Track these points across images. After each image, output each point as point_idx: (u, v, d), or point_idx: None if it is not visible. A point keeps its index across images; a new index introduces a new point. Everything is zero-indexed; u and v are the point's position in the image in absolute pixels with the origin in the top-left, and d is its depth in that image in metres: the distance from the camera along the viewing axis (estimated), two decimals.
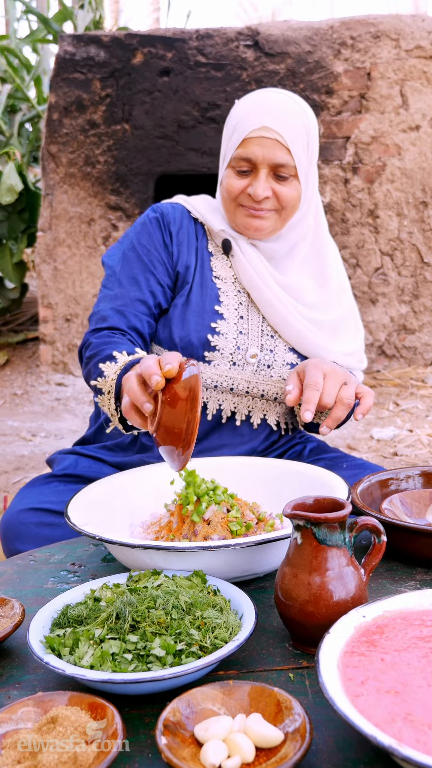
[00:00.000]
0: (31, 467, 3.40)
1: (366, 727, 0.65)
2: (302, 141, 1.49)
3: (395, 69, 4.18)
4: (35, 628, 0.88)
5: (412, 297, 4.41)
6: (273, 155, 1.46)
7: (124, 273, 1.54)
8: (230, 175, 1.51)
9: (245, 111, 1.49)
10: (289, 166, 1.47)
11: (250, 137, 1.46)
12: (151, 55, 4.24)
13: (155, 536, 1.15)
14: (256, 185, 1.47)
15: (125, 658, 0.81)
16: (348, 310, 1.66)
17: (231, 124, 1.52)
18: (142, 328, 1.50)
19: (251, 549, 1.00)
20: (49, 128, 4.38)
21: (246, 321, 1.55)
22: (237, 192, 1.50)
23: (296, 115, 1.49)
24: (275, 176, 1.48)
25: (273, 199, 1.49)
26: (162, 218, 1.58)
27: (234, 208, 1.53)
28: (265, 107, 1.48)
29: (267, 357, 1.55)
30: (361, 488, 1.23)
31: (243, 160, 1.47)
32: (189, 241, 1.58)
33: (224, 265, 1.58)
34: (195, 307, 1.53)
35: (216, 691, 0.76)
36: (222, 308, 1.53)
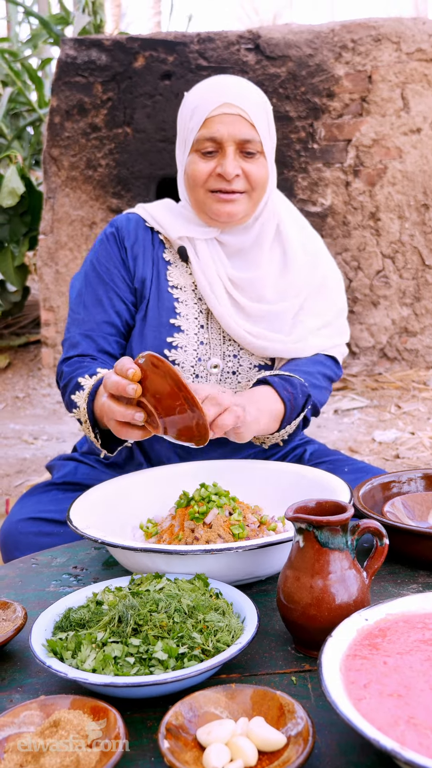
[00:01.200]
0: (33, 470, 3.40)
1: (369, 731, 0.64)
2: (264, 117, 1.46)
3: (396, 72, 4.19)
4: (37, 631, 0.88)
5: (414, 299, 4.41)
6: (238, 131, 1.42)
7: (88, 295, 1.52)
8: (194, 159, 1.45)
9: (202, 94, 1.46)
10: (255, 142, 1.43)
11: (211, 116, 1.42)
12: (152, 58, 4.24)
13: (157, 539, 1.15)
14: (225, 163, 1.42)
15: (127, 661, 0.81)
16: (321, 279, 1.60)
17: (188, 110, 1.47)
18: (113, 350, 1.49)
19: (253, 552, 0.99)
20: (51, 132, 4.39)
21: (207, 330, 1.51)
22: (205, 176, 1.44)
23: (255, 92, 1.48)
24: (242, 154, 1.44)
25: (243, 179, 1.45)
26: (117, 233, 1.55)
27: (203, 196, 1.47)
28: (223, 85, 1.45)
29: (231, 363, 1.51)
30: (363, 491, 1.23)
31: (207, 141, 1.42)
32: (145, 253, 1.54)
33: (183, 273, 1.54)
34: (152, 321, 1.50)
35: (218, 694, 0.76)
36: (180, 320, 1.50)
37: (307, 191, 4.31)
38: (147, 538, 1.18)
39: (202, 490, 1.16)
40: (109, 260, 1.53)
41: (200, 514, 1.11)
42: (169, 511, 1.20)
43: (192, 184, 1.47)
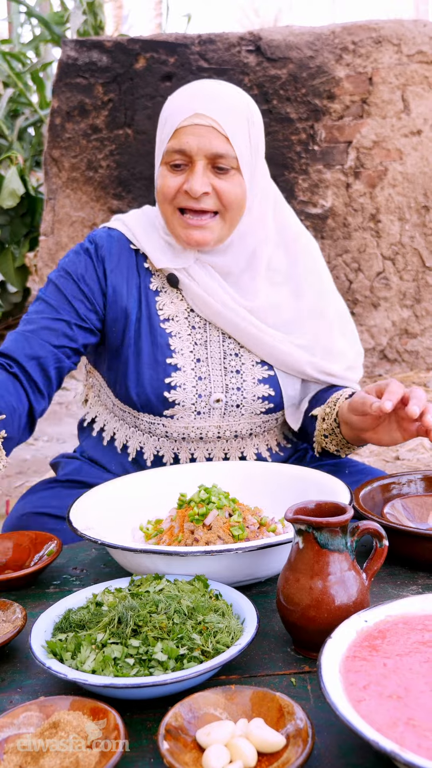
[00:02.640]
0: (33, 471, 3.40)
1: (368, 732, 0.64)
2: (243, 129, 1.33)
3: (397, 74, 4.19)
4: (37, 632, 0.88)
5: (414, 301, 4.41)
6: (209, 144, 1.30)
7: (42, 305, 1.40)
8: (163, 173, 1.35)
9: (177, 100, 1.35)
10: (228, 157, 1.31)
11: (182, 126, 1.31)
12: (153, 60, 4.25)
13: (157, 540, 1.15)
14: (192, 180, 1.30)
15: (127, 662, 0.81)
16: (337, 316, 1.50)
17: (162, 118, 1.38)
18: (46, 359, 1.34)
19: (253, 553, 1.00)
20: (52, 133, 4.39)
21: (204, 363, 1.41)
22: (173, 191, 1.34)
23: (234, 101, 1.34)
24: (214, 169, 1.32)
25: (213, 197, 1.33)
26: (96, 251, 1.42)
27: (171, 214, 1.36)
28: (197, 93, 1.34)
29: (234, 396, 1.43)
30: (362, 493, 1.23)
31: (176, 153, 1.32)
32: (129, 281, 1.42)
33: (174, 300, 1.43)
34: (147, 359, 1.40)
35: (218, 695, 0.76)
36: (176, 357, 1.40)
37: (307, 193, 4.31)
38: (147, 540, 1.18)
39: (201, 492, 1.16)
40: (77, 273, 1.41)
41: (200, 516, 1.11)
42: (169, 513, 1.20)
43: (161, 199, 1.38)
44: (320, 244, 4.33)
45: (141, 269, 1.44)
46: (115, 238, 1.45)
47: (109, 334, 1.43)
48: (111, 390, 1.49)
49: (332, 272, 4.37)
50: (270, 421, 1.50)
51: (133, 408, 1.44)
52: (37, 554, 1.17)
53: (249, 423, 1.46)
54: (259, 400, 1.44)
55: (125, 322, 1.41)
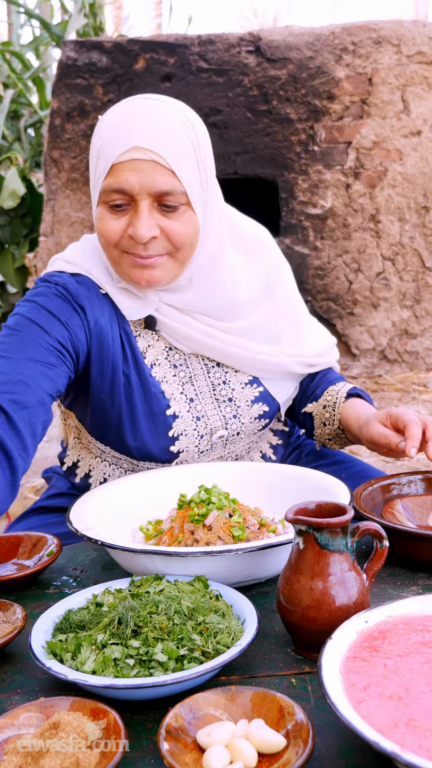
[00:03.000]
0: (33, 471, 3.40)
1: (368, 733, 0.64)
2: (190, 158, 1.17)
3: (396, 74, 4.19)
4: (37, 633, 0.88)
5: (414, 301, 4.41)
6: (152, 181, 1.14)
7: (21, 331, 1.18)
8: (103, 215, 1.18)
9: (110, 129, 1.17)
10: (176, 193, 1.16)
11: (119, 162, 1.14)
12: (153, 60, 4.25)
13: (157, 541, 1.15)
14: (137, 224, 1.15)
15: (127, 663, 0.81)
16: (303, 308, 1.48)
17: (95, 148, 1.20)
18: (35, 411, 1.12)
19: (253, 554, 0.99)
20: (52, 133, 4.39)
21: (197, 401, 1.34)
22: (116, 236, 1.18)
23: (176, 124, 1.17)
24: (161, 207, 1.17)
25: (162, 239, 1.19)
26: (74, 299, 1.24)
27: (117, 256, 1.22)
28: (133, 122, 1.15)
29: (234, 426, 1.38)
30: (363, 493, 1.22)
31: (114, 192, 1.15)
32: (112, 329, 1.27)
33: (150, 342, 1.31)
34: (143, 414, 1.30)
35: (218, 696, 0.76)
36: (173, 405, 1.31)
37: (307, 193, 4.31)
38: (147, 540, 1.18)
39: (202, 492, 1.16)
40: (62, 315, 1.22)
41: (200, 516, 1.11)
42: (169, 513, 1.20)
43: (103, 244, 1.22)
44: (320, 245, 4.34)
45: (118, 315, 1.29)
46: (86, 284, 1.27)
47: (94, 389, 1.29)
48: (96, 438, 1.38)
49: (332, 273, 4.37)
50: (264, 431, 1.49)
51: (131, 457, 1.37)
52: (37, 555, 1.17)
53: (248, 443, 1.46)
54: (256, 420, 1.41)
55: (113, 376, 1.28)
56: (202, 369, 1.36)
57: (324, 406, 1.44)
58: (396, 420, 1.25)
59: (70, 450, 1.48)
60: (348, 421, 1.39)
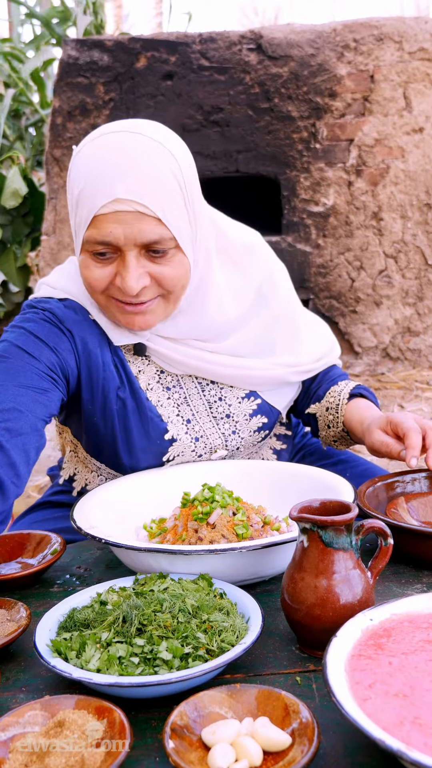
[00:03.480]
0: (35, 470, 3.40)
1: (374, 731, 0.64)
2: (177, 199, 1.12)
3: (398, 71, 4.19)
4: (42, 631, 0.88)
5: (417, 299, 4.41)
6: (138, 232, 1.09)
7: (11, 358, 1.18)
8: (87, 263, 1.14)
9: (88, 176, 1.09)
10: (164, 240, 1.11)
11: (101, 213, 1.08)
12: (154, 59, 4.25)
13: (161, 539, 1.15)
14: (126, 276, 1.11)
15: (132, 661, 0.81)
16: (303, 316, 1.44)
17: (73, 190, 1.13)
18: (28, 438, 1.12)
19: (257, 552, 0.99)
20: (53, 132, 4.39)
21: (195, 421, 1.31)
22: (102, 285, 1.15)
23: (160, 165, 1.10)
24: (149, 254, 1.12)
25: (153, 285, 1.15)
26: (62, 323, 1.22)
27: (105, 302, 1.18)
28: (113, 170, 1.07)
29: (234, 442, 1.36)
30: (367, 491, 1.22)
31: (99, 244, 1.10)
32: (103, 356, 1.25)
33: (141, 368, 1.29)
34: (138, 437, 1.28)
35: (223, 694, 0.76)
36: (170, 429, 1.29)
37: (309, 191, 4.31)
38: (151, 538, 1.18)
39: (205, 491, 1.16)
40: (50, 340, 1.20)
41: (204, 515, 1.11)
42: (172, 511, 1.20)
43: (89, 291, 1.18)
44: (322, 242, 4.33)
45: (108, 340, 1.27)
46: (74, 309, 1.25)
47: (85, 411, 1.28)
48: (92, 456, 1.36)
49: (334, 271, 4.37)
50: (266, 441, 1.47)
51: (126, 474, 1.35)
52: (41, 553, 1.17)
53: (248, 454, 1.44)
54: (256, 433, 1.39)
55: (104, 400, 1.26)
56: (197, 388, 1.34)
57: (327, 408, 1.41)
58: (396, 427, 1.22)
59: (67, 463, 1.47)
60: (351, 425, 1.36)
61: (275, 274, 1.40)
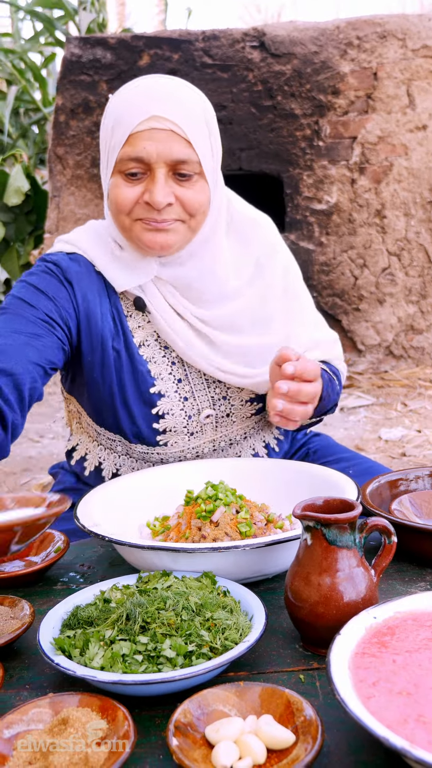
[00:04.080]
0: (39, 468, 3.40)
1: (378, 729, 0.64)
2: (203, 131, 1.23)
3: (402, 69, 4.18)
4: (45, 629, 0.88)
5: (420, 297, 4.40)
6: (170, 150, 1.18)
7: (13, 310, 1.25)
8: (118, 183, 1.22)
9: (126, 101, 1.21)
10: (191, 162, 1.20)
11: (137, 131, 1.18)
12: (157, 56, 4.24)
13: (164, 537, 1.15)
14: (155, 190, 1.19)
15: (136, 659, 0.81)
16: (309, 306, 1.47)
17: (109, 120, 1.23)
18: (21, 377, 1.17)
19: (261, 550, 0.99)
20: (56, 130, 4.39)
21: (186, 382, 1.35)
22: (130, 204, 1.22)
23: (192, 100, 1.23)
24: (175, 176, 1.21)
25: (177, 206, 1.23)
26: (63, 275, 1.30)
27: (130, 224, 1.25)
28: (152, 92, 1.20)
29: (223, 407, 1.38)
30: (370, 489, 1.22)
31: (132, 161, 1.19)
32: (102, 306, 1.31)
33: (141, 324, 1.34)
34: (132, 392, 1.33)
35: (227, 692, 0.76)
36: (159, 384, 1.33)
37: (312, 189, 4.30)
38: (154, 536, 1.18)
39: (209, 489, 1.16)
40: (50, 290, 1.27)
41: (207, 513, 1.11)
42: (175, 509, 1.20)
43: (115, 211, 1.25)
44: (325, 240, 4.33)
45: (110, 292, 1.33)
46: (79, 261, 1.32)
47: (85, 365, 1.33)
48: (94, 420, 1.40)
49: (337, 268, 4.36)
50: (262, 420, 1.48)
51: (125, 438, 1.39)
52: (44, 551, 1.17)
53: (242, 427, 1.44)
54: (248, 404, 1.40)
55: (102, 352, 1.31)
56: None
57: None
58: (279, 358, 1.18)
59: (72, 436, 1.53)
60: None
61: (277, 250, 1.43)
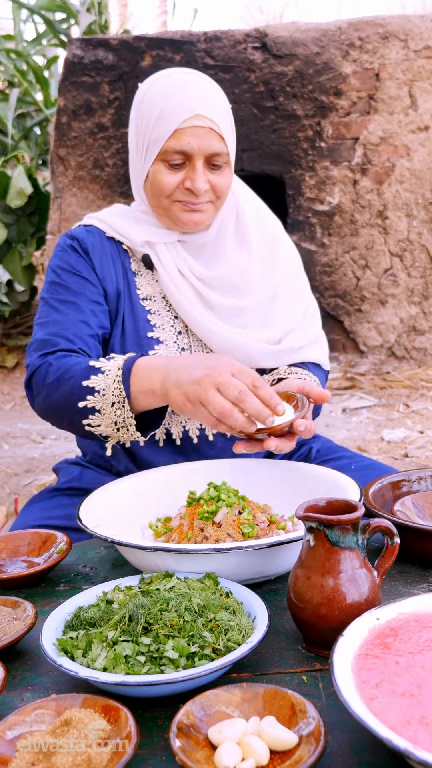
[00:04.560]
0: (41, 469, 3.40)
1: (381, 730, 0.64)
2: (231, 126, 1.43)
3: (404, 69, 4.17)
4: (48, 630, 0.88)
5: (422, 298, 4.40)
6: (208, 145, 1.37)
7: (56, 300, 1.44)
8: (161, 170, 1.41)
9: (169, 96, 1.38)
10: (223, 154, 1.40)
11: (182, 127, 1.36)
12: (159, 57, 4.24)
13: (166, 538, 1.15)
14: (195, 179, 1.39)
15: (138, 660, 0.81)
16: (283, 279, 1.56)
17: (152, 112, 1.39)
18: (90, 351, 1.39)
19: (263, 551, 0.99)
20: (58, 132, 4.39)
21: (186, 335, 1.48)
22: (172, 188, 1.41)
23: (222, 97, 1.42)
24: (209, 166, 1.41)
25: (209, 191, 1.43)
26: (78, 245, 1.49)
27: (169, 205, 1.44)
28: (193, 92, 1.37)
29: None
30: (372, 490, 1.22)
31: (176, 153, 1.38)
32: (114, 264, 1.50)
33: (150, 282, 1.51)
34: (130, 336, 1.46)
35: (229, 693, 0.76)
36: (156, 331, 1.46)
37: (314, 190, 4.30)
38: (156, 537, 1.18)
39: (211, 490, 1.16)
40: (74, 266, 1.46)
41: (209, 514, 1.11)
42: (178, 510, 1.20)
43: (157, 194, 1.44)
44: (327, 241, 4.33)
45: (121, 254, 1.52)
46: (93, 232, 1.52)
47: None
48: None
49: (339, 269, 4.36)
50: None
51: None
52: (47, 552, 1.17)
53: None
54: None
55: (116, 303, 1.48)
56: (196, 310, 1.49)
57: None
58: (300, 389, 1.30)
59: None
60: None
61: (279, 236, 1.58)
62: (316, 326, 1.59)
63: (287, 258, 1.59)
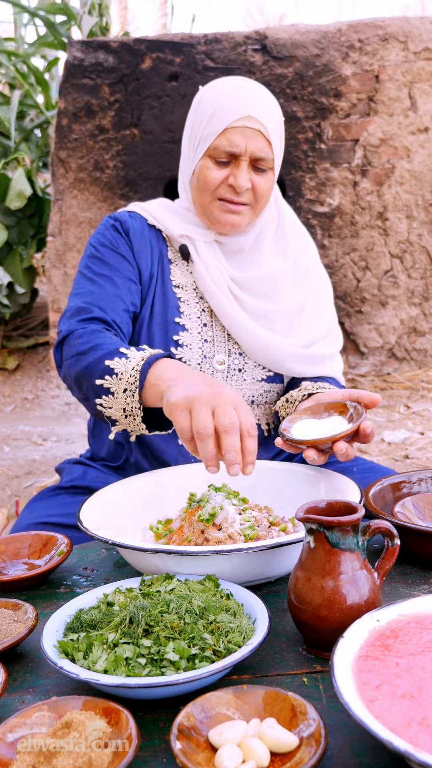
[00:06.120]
0: (42, 471, 3.41)
1: (382, 732, 0.64)
2: (280, 134, 1.47)
3: (404, 71, 4.18)
4: (49, 632, 0.88)
5: (422, 299, 4.40)
6: (255, 147, 1.42)
7: (93, 272, 1.49)
8: (208, 165, 1.46)
9: (224, 98, 1.44)
10: (268, 159, 1.44)
11: (232, 126, 1.41)
12: (159, 60, 4.25)
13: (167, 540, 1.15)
14: (239, 176, 1.43)
15: (139, 662, 0.81)
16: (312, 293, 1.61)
17: (206, 110, 1.45)
18: (122, 325, 1.44)
19: (264, 553, 0.99)
20: (59, 134, 4.40)
21: (210, 328, 1.53)
22: (217, 183, 1.46)
23: (275, 107, 1.47)
24: (253, 167, 1.45)
25: (249, 193, 1.47)
26: (121, 225, 1.55)
27: (210, 201, 1.48)
28: (247, 96, 1.43)
29: (237, 361, 1.52)
30: (373, 491, 1.22)
31: (224, 151, 1.43)
32: (152, 250, 1.54)
33: (184, 272, 1.55)
34: (157, 318, 1.50)
35: (230, 695, 0.76)
36: (183, 319, 1.51)
37: (314, 191, 4.30)
38: (157, 539, 1.18)
39: (211, 491, 1.16)
40: (112, 245, 1.52)
41: (210, 516, 1.11)
42: (179, 512, 1.20)
43: (201, 188, 1.48)
44: (328, 243, 4.33)
45: (160, 241, 1.56)
46: (135, 217, 1.57)
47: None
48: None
49: (339, 271, 4.36)
50: (271, 392, 1.56)
51: None
52: (48, 554, 1.17)
53: (251, 389, 1.53)
54: (260, 367, 1.53)
55: (148, 285, 1.52)
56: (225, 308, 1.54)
57: (287, 400, 1.46)
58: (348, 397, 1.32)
59: None
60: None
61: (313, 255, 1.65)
62: (337, 347, 1.63)
63: (318, 276, 1.64)
